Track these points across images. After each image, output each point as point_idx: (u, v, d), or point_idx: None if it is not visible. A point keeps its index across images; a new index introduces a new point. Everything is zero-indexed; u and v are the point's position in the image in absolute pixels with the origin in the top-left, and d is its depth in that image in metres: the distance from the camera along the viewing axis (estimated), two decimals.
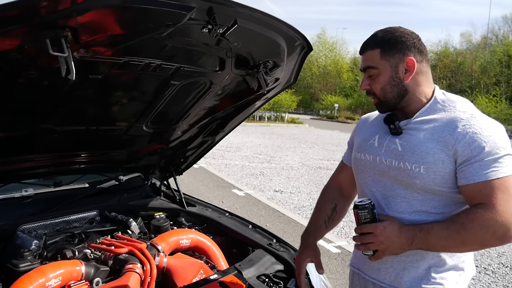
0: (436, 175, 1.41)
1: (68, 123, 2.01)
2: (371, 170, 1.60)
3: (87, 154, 2.46)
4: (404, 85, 1.48)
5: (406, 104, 1.52)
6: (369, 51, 1.51)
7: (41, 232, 2.30)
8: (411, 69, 1.47)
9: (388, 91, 1.50)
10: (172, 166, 3.02)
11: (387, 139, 1.55)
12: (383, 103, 1.54)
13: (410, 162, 1.44)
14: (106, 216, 2.61)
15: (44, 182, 2.59)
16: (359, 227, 1.47)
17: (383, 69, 1.48)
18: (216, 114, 2.55)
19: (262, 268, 2.23)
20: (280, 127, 26.46)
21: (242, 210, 6.77)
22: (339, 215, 1.87)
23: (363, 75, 1.57)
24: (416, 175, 1.43)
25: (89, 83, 1.76)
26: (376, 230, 1.42)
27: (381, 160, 1.55)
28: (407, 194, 1.48)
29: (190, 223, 2.72)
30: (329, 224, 1.85)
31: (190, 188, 8.21)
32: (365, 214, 1.45)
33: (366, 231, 1.45)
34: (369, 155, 1.60)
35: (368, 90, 1.55)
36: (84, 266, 1.92)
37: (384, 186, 1.55)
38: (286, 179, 9.67)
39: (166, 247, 2.23)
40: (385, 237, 1.41)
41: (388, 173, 1.52)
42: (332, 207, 1.85)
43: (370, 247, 1.45)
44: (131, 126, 2.29)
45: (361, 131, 1.74)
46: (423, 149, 1.43)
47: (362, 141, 1.67)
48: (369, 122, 1.73)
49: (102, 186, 2.85)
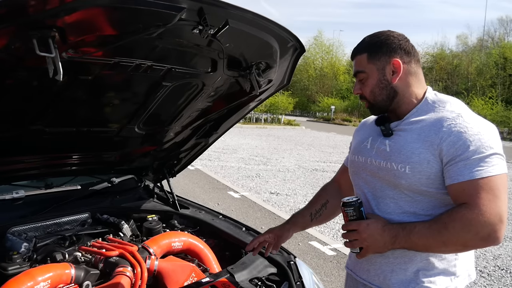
0: (421, 175, 1.40)
1: (58, 124, 1.99)
2: (363, 171, 1.62)
3: (79, 156, 2.44)
4: (393, 86, 1.50)
5: (397, 106, 1.53)
6: (358, 56, 1.55)
7: (31, 234, 2.27)
8: (398, 70, 1.48)
9: (377, 94, 1.52)
10: (165, 168, 3.00)
11: (379, 140, 1.57)
12: (374, 106, 1.57)
13: (396, 162, 1.45)
14: (98, 219, 2.59)
15: (35, 184, 2.57)
16: (345, 224, 1.49)
17: (371, 73, 1.51)
18: (209, 116, 2.54)
19: (254, 271, 2.21)
20: (276, 129, 26.45)
21: (238, 212, 6.74)
22: (329, 212, 1.90)
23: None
24: (401, 175, 1.44)
25: (79, 84, 1.74)
26: (360, 227, 1.44)
27: (371, 161, 1.57)
28: (396, 195, 1.48)
29: (183, 226, 2.70)
30: (315, 217, 1.89)
31: (186, 190, 8.18)
32: (351, 212, 1.47)
33: (351, 228, 1.46)
34: (362, 157, 1.62)
35: (360, 94, 1.58)
36: (74, 269, 1.90)
37: (374, 187, 1.56)
38: (282, 181, 9.66)
39: (157, 250, 2.21)
40: (368, 234, 1.42)
41: (378, 174, 1.54)
42: (323, 202, 1.89)
43: (355, 244, 1.46)
44: (123, 127, 2.27)
45: (358, 134, 1.77)
46: (409, 149, 1.43)
47: (357, 144, 1.69)
48: (366, 125, 1.75)
49: (94, 188, 2.82)
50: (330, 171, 11.27)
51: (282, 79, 2.31)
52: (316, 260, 4.88)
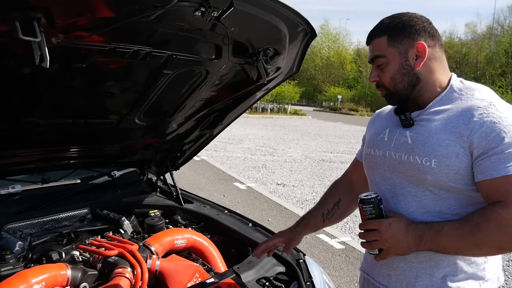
0: (449, 169, 1.26)
1: (53, 116, 1.87)
2: (381, 166, 1.47)
3: (77, 149, 2.32)
4: (416, 72, 1.36)
5: (419, 94, 1.39)
6: (375, 39, 1.39)
7: (27, 231, 2.16)
8: (422, 54, 1.34)
9: (398, 81, 1.38)
10: (168, 161, 2.88)
11: (398, 132, 1.43)
12: (393, 94, 1.41)
13: (420, 155, 1.31)
14: (98, 214, 2.48)
15: (32, 179, 2.45)
16: (363, 223, 1.36)
17: (392, 57, 1.36)
18: (213, 106, 2.40)
19: (262, 271, 2.09)
20: (283, 119, 26.27)
21: (244, 204, 6.63)
22: (342, 211, 1.76)
23: (371, 67, 1.44)
24: (427, 170, 1.30)
25: (72, 72, 1.61)
26: (381, 227, 1.30)
27: (390, 155, 1.42)
28: (419, 192, 1.34)
29: (186, 222, 2.58)
30: (327, 218, 1.75)
31: (191, 181, 8.09)
32: (370, 209, 1.33)
33: (371, 228, 1.33)
34: (379, 150, 1.48)
35: (377, 82, 1.43)
36: (70, 270, 1.79)
37: (394, 183, 1.42)
38: (288, 172, 9.53)
39: (160, 248, 2.09)
40: (390, 235, 1.29)
41: (398, 169, 1.40)
42: (335, 201, 1.76)
43: (374, 245, 1.33)
44: (123, 119, 2.14)
45: (373, 125, 1.63)
46: (434, 140, 1.29)
47: (373, 136, 1.55)
48: (382, 116, 1.61)
49: (94, 182, 2.71)
50: (337, 161, 11.13)
51: (291, 66, 2.17)
52: (324, 254, 4.76)
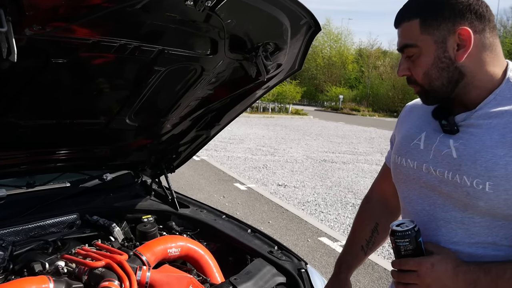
0: (509, 195, 0.98)
1: (34, 116, 1.72)
2: (415, 181, 1.18)
3: (64, 151, 2.17)
4: (458, 66, 1.06)
5: (463, 92, 1.09)
6: (405, 22, 1.09)
7: (10, 240, 2.02)
8: (467, 43, 1.03)
9: (435, 77, 1.08)
10: (163, 163, 2.73)
11: (437, 139, 1.13)
12: (429, 93, 1.13)
13: (470, 175, 1.03)
14: (88, 220, 2.33)
15: (18, 183, 2.31)
16: (397, 261, 1.09)
17: (426, 47, 1.07)
18: (210, 105, 2.26)
19: (261, 282, 1.95)
20: (284, 119, 26.13)
21: (244, 206, 6.49)
22: (381, 236, 1.49)
23: (400, 57, 1.15)
24: (479, 195, 1.01)
25: (53, 69, 1.46)
26: (421, 268, 1.04)
27: (428, 169, 1.14)
28: (466, 218, 1.06)
29: (181, 228, 2.44)
30: (368, 248, 1.49)
31: (191, 181, 7.95)
32: (405, 245, 1.07)
33: (407, 268, 1.07)
34: (412, 161, 1.19)
35: (408, 76, 1.14)
36: (53, 283, 1.64)
37: (434, 204, 1.14)
38: (290, 172, 9.39)
39: (151, 257, 1.94)
40: (433, 278, 1.03)
41: (439, 188, 1.11)
42: (372, 227, 1.48)
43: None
44: (112, 119, 2.00)
45: (404, 124, 1.30)
46: (489, 157, 1.01)
47: (404, 140, 1.24)
48: (416, 113, 1.28)
49: (85, 185, 2.57)
50: (339, 162, 10.99)
51: (293, 63, 2.02)
52: (326, 258, 4.61)
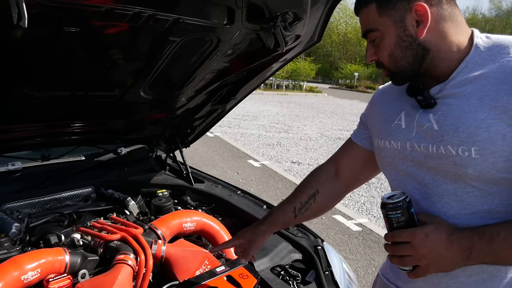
0: (496, 157, 0.97)
1: (48, 87, 1.69)
2: (402, 161, 1.17)
3: (79, 124, 2.15)
4: (420, 43, 1.05)
5: (432, 66, 1.08)
6: (363, 9, 1.10)
7: (26, 212, 2.03)
8: (424, 18, 1.03)
9: (400, 57, 1.08)
10: (178, 137, 2.70)
11: (417, 115, 1.12)
12: (397, 74, 1.13)
13: (454, 144, 1.02)
14: (102, 194, 2.33)
15: (33, 156, 2.30)
16: (390, 234, 1.07)
17: (386, 29, 1.07)
18: (226, 79, 2.20)
19: (277, 258, 1.93)
20: (298, 96, 25.92)
21: (258, 182, 6.48)
22: (319, 205, 1.45)
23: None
24: (466, 162, 1.01)
25: (65, 38, 1.42)
26: (415, 239, 1.02)
27: (412, 146, 1.12)
28: (458, 189, 1.05)
29: (196, 203, 2.42)
30: (300, 213, 1.44)
31: (205, 158, 7.96)
32: (397, 216, 1.04)
33: (401, 240, 1.05)
34: (396, 142, 1.17)
35: (375, 60, 1.15)
36: (69, 255, 1.64)
37: (423, 181, 1.12)
38: (304, 150, 9.33)
39: (166, 231, 1.93)
40: (428, 249, 1.01)
41: (426, 164, 1.10)
42: (311, 192, 1.43)
43: (407, 261, 1.05)
44: (126, 91, 1.96)
45: (380, 108, 1.29)
46: (470, 122, 1.00)
47: (384, 123, 1.23)
48: (390, 96, 1.27)
49: (100, 159, 2.56)
50: None
51: (312, 35, 1.95)
52: (341, 236, 4.60)
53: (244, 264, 1.83)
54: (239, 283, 1.70)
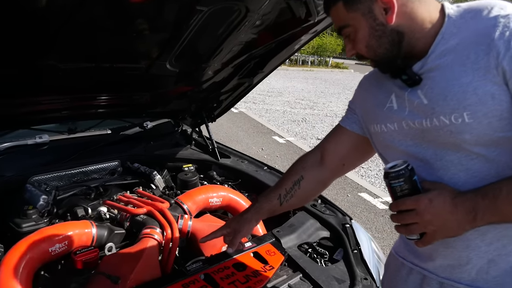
0: (489, 118, 0.97)
1: (73, 59, 1.66)
2: (401, 142, 1.16)
3: (105, 97, 2.13)
4: (393, 28, 1.07)
5: (410, 47, 1.09)
6: (332, 8, 1.12)
7: (54, 184, 2.03)
8: (390, 4, 1.04)
9: (376, 46, 1.10)
10: (204, 112, 2.67)
11: (406, 95, 1.12)
12: (379, 62, 1.15)
13: (446, 113, 1.02)
14: (128, 167, 2.32)
15: (59, 128, 2.31)
16: (394, 203, 1.06)
17: (357, 23, 1.09)
18: (254, 51, 2.13)
19: (304, 236, 1.89)
20: (323, 72, 25.52)
21: (283, 159, 6.44)
22: (304, 192, 1.42)
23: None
24: (461, 128, 1.01)
25: (90, 7, 1.37)
26: (419, 205, 1.01)
27: (408, 124, 1.12)
28: (463, 158, 1.04)
29: (222, 178, 2.39)
30: (285, 200, 1.41)
31: (229, 133, 7.94)
32: (400, 185, 1.03)
33: (405, 208, 1.04)
34: (392, 123, 1.17)
35: (355, 54, 1.16)
36: (96, 228, 1.64)
37: (426, 157, 1.11)
38: (329, 126, 9.19)
39: (192, 206, 1.91)
40: (433, 214, 1.00)
41: (425, 139, 1.10)
42: (295, 179, 1.41)
43: (414, 229, 1.04)
44: (152, 63, 1.91)
45: (369, 94, 1.28)
46: (457, 88, 1.00)
47: (376, 108, 1.22)
48: (376, 81, 1.27)
49: (126, 133, 2.55)
50: None
51: None
52: (366, 214, 4.53)
53: (271, 241, 1.80)
54: (265, 260, 1.68)
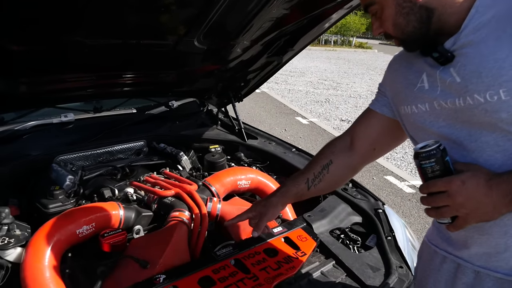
0: None
1: (99, 35, 1.59)
2: (434, 123, 1.08)
3: (131, 75, 2.07)
4: (421, 5, 1.00)
5: (441, 24, 1.01)
6: None
7: (79, 164, 2.00)
8: None
9: (404, 24, 1.04)
10: (230, 91, 2.59)
11: (438, 73, 1.04)
12: (407, 41, 1.09)
13: (481, 91, 0.95)
14: (154, 148, 2.28)
15: (83, 107, 2.27)
16: (425, 185, 0.99)
17: (383, 0, 1.04)
18: (284, 28, 2.04)
19: (336, 221, 1.82)
20: (346, 52, 25.08)
21: (306, 140, 6.35)
22: (333, 177, 1.37)
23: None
24: (497, 107, 0.93)
25: None
26: (451, 187, 0.94)
27: (440, 104, 1.05)
28: (499, 139, 0.97)
29: (250, 159, 2.33)
30: (313, 184, 1.36)
31: (251, 114, 7.87)
32: (432, 166, 0.97)
33: (436, 190, 0.97)
34: (423, 104, 1.09)
35: (383, 32, 1.10)
36: (123, 210, 1.60)
37: (460, 139, 1.04)
38: (353, 107, 9.03)
39: (221, 189, 1.86)
40: (466, 196, 0.93)
41: (458, 119, 1.02)
42: (324, 163, 1.36)
43: (445, 212, 0.97)
44: (180, 40, 1.83)
45: (399, 75, 1.21)
46: (492, 64, 0.93)
47: (406, 89, 1.16)
48: (406, 61, 1.20)
49: (151, 112, 2.50)
50: None
51: None
52: (393, 198, 4.43)
53: (302, 226, 1.74)
54: (297, 246, 1.62)
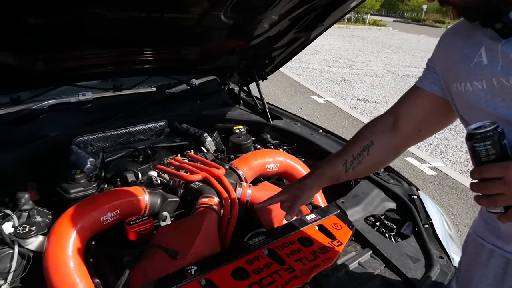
0: None
1: (121, 7, 1.47)
2: (490, 102, 0.98)
3: (152, 51, 1.95)
4: None
5: None
6: None
7: (100, 145, 1.91)
8: None
9: None
10: (254, 69, 2.46)
11: (499, 47, 0.93)
12: (465, 9, 0.97)
13: None
14: (176, 128, 2.17)
15: (103, 86, 2.16)
16: (478, 169, 0.89)
17: None
18: (316, 1, 1.90)
19: (370, 207, 1.72)
20: (360, 30, 24.55)
21: (323, 120, 6.21)
22: (375, 159, 1.27)
23: None
24: None
25: None
26: (508, 173, 0.84)
27: (500, 82, 0.93)
28: None
29: (276, 141, 2.22)
30: (351, 166, 1.26)
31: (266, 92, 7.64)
32: (487, 149, 0.87)
33: (490, 176, 0.87)
34: (480, 81, 0.98)
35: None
36: (149, 195, 1.50)
37: None
38: (370, 86, 8.83)
39: (248, 172, 1.75)
40: None
41: None
42: (364, 145, 1.26)
43: (498, 201, 0.88)
44: (206, 14, 1.71)
45: (452, 49, 1.09)
46: None
47: (461, 63, 1.03)
48: (462, 33, 1.07)
49: (172, 91, 2.39)
50: None
51: None
52: (414, 180, 4.30)
53: (336, 213, 1.63)
54: (332, 234, 1.52)
